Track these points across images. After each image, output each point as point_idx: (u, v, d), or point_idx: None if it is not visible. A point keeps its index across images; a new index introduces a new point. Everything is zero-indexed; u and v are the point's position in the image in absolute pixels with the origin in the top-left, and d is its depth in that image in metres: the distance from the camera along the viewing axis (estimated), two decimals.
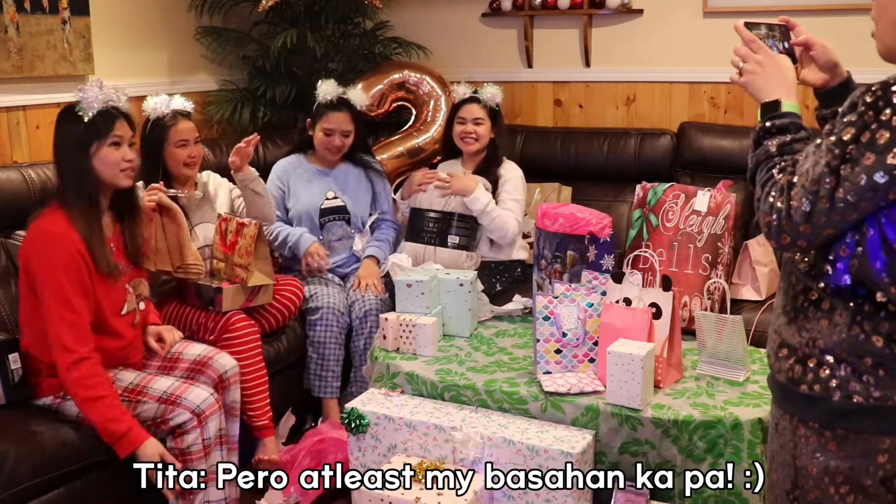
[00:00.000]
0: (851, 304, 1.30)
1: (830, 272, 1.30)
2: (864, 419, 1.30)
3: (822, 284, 1.32)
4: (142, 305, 2.51)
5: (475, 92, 3.49)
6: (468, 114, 3.44)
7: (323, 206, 3.37)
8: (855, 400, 1.30)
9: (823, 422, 1.32)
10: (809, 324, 1.34)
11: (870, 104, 1.20)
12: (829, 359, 1.32)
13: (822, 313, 1.33)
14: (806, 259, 1.36)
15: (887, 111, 1.18)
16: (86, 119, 2.28)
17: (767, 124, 1.40)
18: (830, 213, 1.24)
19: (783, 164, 1.34)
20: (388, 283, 3.24)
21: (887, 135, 1.17)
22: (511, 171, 3.45)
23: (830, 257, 1.30)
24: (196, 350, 2.61)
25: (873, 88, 1.21)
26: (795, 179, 1.28)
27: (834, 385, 1.31)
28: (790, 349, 1.37)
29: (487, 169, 3.44)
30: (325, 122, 3.33)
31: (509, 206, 3.34)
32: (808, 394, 1.33)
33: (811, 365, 1.33)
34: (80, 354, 2.23)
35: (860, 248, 1.27)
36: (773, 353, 1.42)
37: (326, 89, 3.32)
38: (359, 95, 3.42)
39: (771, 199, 1.31)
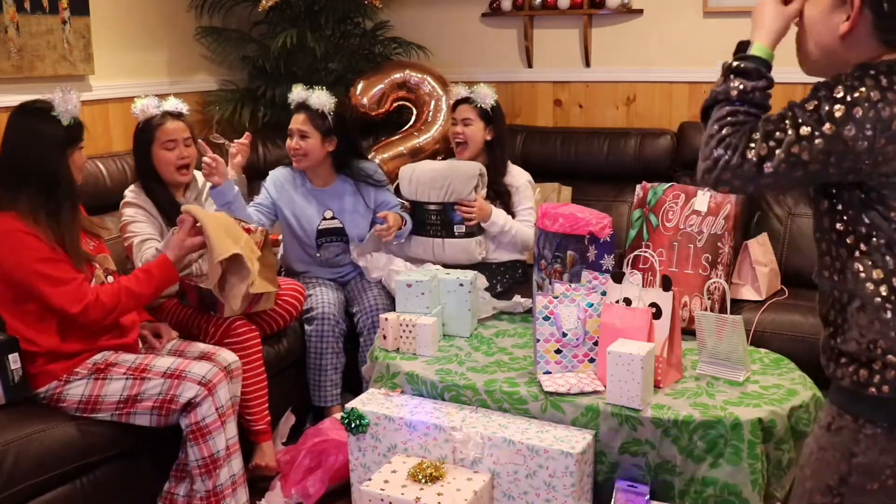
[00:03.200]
0: (893, 298, 1.31)
1: (862, 271, 1.33)
2: None
3: (858, 288, 1.34)
4: (110, 279, 2.52)
5: (471, 92, 3.43)
6: (458, 114, 3.39)
7: (320, 227, 3.30)
8: None
9: (893, 421, 1.33)
10: (863, 329, 1.34)
11: (825, 85, 1.31)
12: (892, 358, 1.32)
13: (871, 315, 1.33)
14: (833, 271, 1.38)
15: (839, 88, 1.28)
16: (64, 123, 2.37)
17: (734, 64, 1.46)
18: (781, 165, 1.30)
19: (743, 109, 1.40)
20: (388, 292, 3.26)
21: (842, 108, 1.27)
22: (519, 179, 3.40)
23: (856, 255, 1.34)
24: (200, 347, 2.66)
25: (826, 79, 1.33)
26: (759, 125, 1.35)
27: None
28: (850, 357, 1.37)
29: (493, 181, 3.34)
30: (289, 127, 3.25)
31: (525, 217, 3.31)
32: (877, 395, 1.33)
33: (876, 367, 1.33)
34: (85, 303, 2.33)
35: (875, 240, 1.31)
36: (833, 362, 1.41)
37: (294, 93, 3.26)
38: (321, 98, 3.19)
39: (726, 136, 1.37)
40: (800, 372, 2.38)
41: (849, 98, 1.27)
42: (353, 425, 2.37)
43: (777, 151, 1.31)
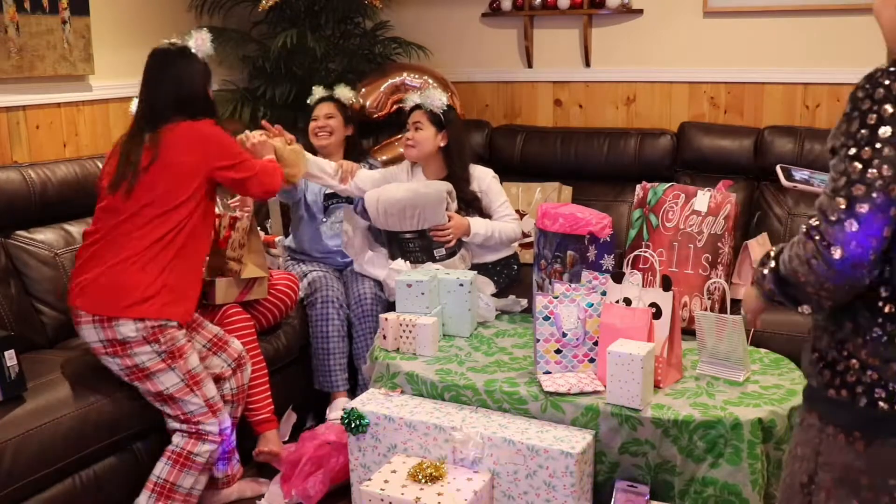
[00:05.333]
0: (872, 306, 1.28)
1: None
2: (888, 428, 1.28)
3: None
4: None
5: (420, 96, 3.33)
6: (410, 119, 3.30)
7: (326, 192, 3.44)
8: (880, 407, 1.28)
9: (848, 426, 1.32)
10: (837, 327, 1.33)
11: (863, 97, 1.22)
12: (856, 363, 1.30)
13: (848, 316, 1.31)
14: None
15: (880, 90, 1.21)
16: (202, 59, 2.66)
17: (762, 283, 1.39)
18: (870, 195, 1.19)
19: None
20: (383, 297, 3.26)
21: (890, 108, 1.19)
22: (483, 181, 3.31)
23: None
24: (213, 329, 2.70)
25: (861, 83, 1.24)
26: (816, 204, 1.25)
27: (860, 391, 1.29)
28: (820, 353, 1.36)
29: (458, 187, 3.23)
30: (313, 114, 3.53)
31: (504, 213, 3.29)
32: (836, 398, 1.32)
33: (839, 369, 1.32)
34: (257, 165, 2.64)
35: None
36: (807, 359, 1.40)
37: (315, 93, 3.59)
38: (344, 91, 3.58)
39: (802, 244, 1.25)
40: (800, 372, 2.38)
41: (891, 96, 1.19)
42: (353, 425, 2.37)
43: (856, 190, 1.19)
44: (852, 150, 1.22)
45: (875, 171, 1.19)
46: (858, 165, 1.21)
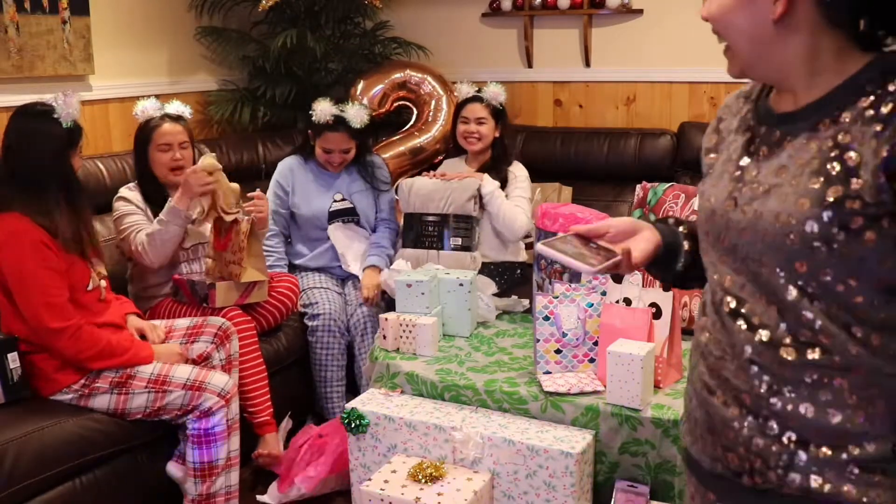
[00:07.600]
0: None
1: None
2: None
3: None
4: (102, 283, 2.53)
5: (478, 91, 3.46)
6: (471, 113, 3.41)
7: (332, 209, 3.36)
8: None
9: None
10: None
11: None
12: None
13: None
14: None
15: None
16: (65, 126, 2.39)
17: None
18: None
19: None
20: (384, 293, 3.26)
21: None
22: (521, 171, 3.44)
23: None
24: (186, 321, 2.71)
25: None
26: None
27: None
28: None
29: (496, 167, 3.40)
30: (323, 141, 3.30)
31: (518, 203, 3.32)
32: None
33: None
34: (67, 325, 2.32)
35: None
36: None
37: (321, 110, 3.24)
38: (357, 113, 3.26)
39: None
40: None
41: None
42: (353, 425, 2.37)
43: None
44: None
45: None
46: None
